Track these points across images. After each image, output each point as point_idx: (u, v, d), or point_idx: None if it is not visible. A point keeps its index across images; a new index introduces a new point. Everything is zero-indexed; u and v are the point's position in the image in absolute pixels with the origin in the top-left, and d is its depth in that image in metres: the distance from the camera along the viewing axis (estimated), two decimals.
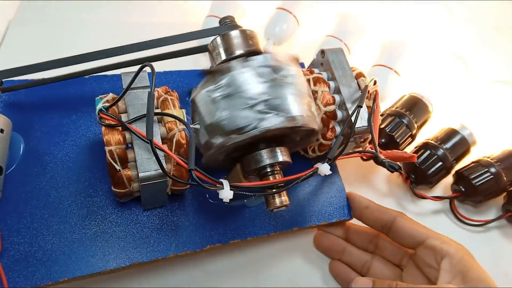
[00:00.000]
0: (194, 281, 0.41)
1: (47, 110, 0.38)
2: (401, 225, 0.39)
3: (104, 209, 0.35)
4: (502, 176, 0.45)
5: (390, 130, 0.44)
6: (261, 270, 0.42)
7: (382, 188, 0.48)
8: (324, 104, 0.37)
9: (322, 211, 0.42)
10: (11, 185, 0.34)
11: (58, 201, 0.35)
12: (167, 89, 0.34)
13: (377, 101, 0.37)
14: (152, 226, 0.36)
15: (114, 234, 0.35)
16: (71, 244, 0.34)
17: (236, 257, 0.42)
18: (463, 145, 0.47)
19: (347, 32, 0.54)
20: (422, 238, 0.37)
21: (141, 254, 0.35)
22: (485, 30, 0.66)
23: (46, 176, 0.36)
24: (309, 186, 0.43)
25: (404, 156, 0.35)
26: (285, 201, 0.33)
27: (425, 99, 0.48)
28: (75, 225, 0.34)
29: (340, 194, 0.43)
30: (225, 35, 0.35)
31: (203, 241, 0.37)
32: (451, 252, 0.36)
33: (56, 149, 0.37)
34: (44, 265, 0.32)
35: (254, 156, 0.33)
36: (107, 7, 0.62)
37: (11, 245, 0.32)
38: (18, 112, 0.37)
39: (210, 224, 0.38)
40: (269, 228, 0.40)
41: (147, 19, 0.61)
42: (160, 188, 0.31)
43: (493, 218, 0.47)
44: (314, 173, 0.33)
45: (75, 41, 0.57)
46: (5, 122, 0.33)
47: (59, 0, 0.61)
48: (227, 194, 0.29)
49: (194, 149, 0.28)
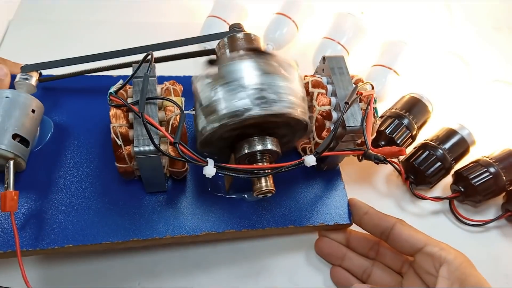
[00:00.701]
0: (194, 281, 0.41)
1: (75, 99, 0.43)
2: (399, 232, 0.39)
3: (111, 187, 0.39)
4: (501, 176, 0.45)
5: (390, 132, 0.45)
6: (261, 270, 0.43)
7: (382, 188, 0.49)
8: (319, 104, 0.39)
9: (321, 213, 0.43)
10: (36, 160, 0.39)
11: (73, 177, 0.39)
12: (174, 82, 0.38)
13: (371, 104, 0.38)
14: (153, 208, 0.39)
15: (117, 211, 0.38)
16: (79, 215, 0.38)
17: (236, 257, 0.43)
18: (462, 145, 0.47)
19: (343, 32, 0.55)
20: (420, 245, 0.38)
21: (140, 232, 0.38)
22: (484, 29, 0.66)
23: (67, 156, 0.40)
24: (311, 188, 0.44)
25: (392, 151, 0.36)
26: (270, 186, 0.35)
27: (424, 99, 0.48)
28: (84, 199, 0.38)
29: (342, 199, 0.44)
30: (232, 36, 0.39)
31: (199, 227, 0.39)
32: (450, 259, 0.36)
33: (79, 133, 0.42)
34: (53, 231, 0.37)
35: (245, 143, 0.35)
36: (108, 7, 0.62)
37: (27, 209, 0.37)
38: (51, 100, 0.43)
39: (208, 212, 0.40)
40: (265, 223, 0.41)
41: (147, 19, 0.62)
42: (155, 165, 0.34)
43: (492, 218, 0.46)
44: (301, 163, 0.35)
45: (75, 41, 0.58)
46: (37, 104, 0.39)
47: (59, 0, 0.62)
48: (210, 170, 0.31)
49: (181, 127, 0.31)
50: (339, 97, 0.39)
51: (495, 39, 0.65)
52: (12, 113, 0.36)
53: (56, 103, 0.43)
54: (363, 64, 0.56)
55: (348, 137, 0.39)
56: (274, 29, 0.56)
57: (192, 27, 0.58)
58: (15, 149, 0.36)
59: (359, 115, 0.38)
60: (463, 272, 0.35)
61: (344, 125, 0.37)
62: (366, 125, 0.37)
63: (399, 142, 0.45)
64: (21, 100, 0.37)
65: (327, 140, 0.36)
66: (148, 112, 0.33)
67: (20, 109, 0.37)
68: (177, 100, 0.35)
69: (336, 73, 0.40)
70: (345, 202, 0.44)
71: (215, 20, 0.56)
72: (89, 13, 0.61)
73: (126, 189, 0.39)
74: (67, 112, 0.43)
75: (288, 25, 0.56)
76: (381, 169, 0.49)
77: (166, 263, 0.42)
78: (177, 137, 0.30)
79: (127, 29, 0.60)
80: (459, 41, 0.62)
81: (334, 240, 0.44)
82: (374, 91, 0.39)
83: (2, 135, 0.35)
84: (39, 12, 0.60)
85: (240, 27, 0.41)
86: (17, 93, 0.38)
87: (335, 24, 0.56)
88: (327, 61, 0.41)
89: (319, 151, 0.36)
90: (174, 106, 0.34)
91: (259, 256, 0.43)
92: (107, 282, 0.40)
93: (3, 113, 0.36)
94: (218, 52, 0.40)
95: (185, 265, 0.42)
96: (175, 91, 0.35)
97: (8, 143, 0.35)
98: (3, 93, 0.37)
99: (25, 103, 0.38)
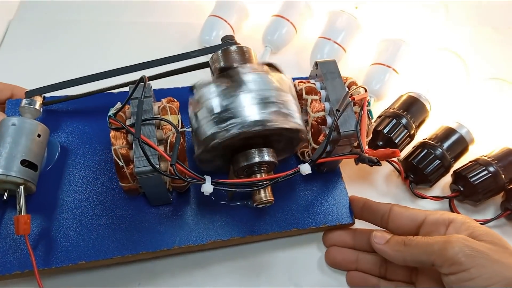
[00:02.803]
0: (194, 281, 0.42)
1: (78, 118, 0.45)
2: (398, 212, 0.40)
3: (118, 203, 0.41)
4: (501, 175, 0.45)
5: (388, 132, 0.45)
6: (261, 270, 0.43)
7: (382, 188, 0.49)
8: (313, 111, 0.39)
9: (323, 214, 0.44)
10: (46, 181, 0.41)
11: (82, 196, 0.41)
12: (171, 99, 0.39)
13: (364, 108, 0.39)
14: (159, 220, 0.41)
15: (126, 226, 0.40)
16: (90, 232, 0.39)
17: (237, 257, 0.43)
18: (461, 143, 0.47)
19: (339, 30, 0.55)
20: (421, 217, 0.39)
21: (148, 244, 0.40)
22: (482, 28, 0.66)
23: (75, 175, 0.42)
24: (313, 190, 0.45)
25: (386, 153, 0.36)
26: (269, 197, 0.36)
27: (422, 99, 0.48)
28: (93, 216, 0.40)
29: (343, 199, 0.45)
30: (225, 49, 0.40)
31: (205, 236, 0.41)
32: (453, 217, 0.37)
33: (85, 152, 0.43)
34: (66, 248, 0.38)
35: (243, 155, 0.36)
36: (108, 7, 0.62)
37: (40, 229, 0.39)
38: (56, 121, 0.45)
39: (212, 221, 0.42)
40: (269, 228, 0.42)
41: (148, 19, 0.62)
42: (157, 183, 0.36)
43: (492, 217, 0.46)
44: (296, 172, 0.36)
45: (75, 41, 0.58)
46: (42, 129, 0.40)
47: (59, 0, 0.62)
48: (208, 188, 0.33)
49: (177, 148, 0.32)
50: (332, 102, 0.39)
51: (492, 38, 0.65)
52: (19, 140, 0.38)
53: (61, 123, 0.45)
54: (361, 62, 0.57)
55: (344, 141, 0.39)
56: (272, 31, 0.57)
57: (193, 27, 0.59)
58: (25, 175, 0.37)
59: (353, 120, 0.39)
60: (469, 225, 0.36)
61: (339, 130, 0.38)
62: (360, 129, 0.38)
63: (397, 142, 0.45)
64: (26, 126, 0.39)
65: (320, 148, 0.36)
66: (146, 133, 0.35)
67: (26, 135, 0.39)
68: (173, 119, 0.36)
69: (328, 78, 0.41)
70: (346, 202, 0.45)
71: (216, 19, 0.56)
72: (89, 13, 0.61)
73: (132, 204, 0.41)
74: (72, 131, 0.45)
75: (286, 26, 0.56)
76: (381, 168, 0.50)
77: (166, 263, 0.42)
78: (174, 159, 0.32)
79: (127, 29, 0.60)
80: (457, 40, 0.61)
81: (342, 246, 0.44)
82: (367, 94, 0.40)
83: (11, 162, 0.37)
84: (39, 12, 0.61)
85: (232, 39, 0.42)
86: (22, 119, 0.39)
87: (330, 23, 0.56)
88: (319, 66, 0.41)
89: (314, 159, 0.37)
90: (170, 126, 0.35)
91: (259, 256, 0.44)
92: (107, 282, 0.41)
93: (10, 141, 0.38)
94: (212, 65, 0.41)
95: (185, 265, 0.43)
96: (171, 109, 0.37)
97: (17, 169, 0.37)
98: (9, 121, 0.39)
99: (31, 129, 0.39)
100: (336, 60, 0.54)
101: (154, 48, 0.57)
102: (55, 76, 0.44)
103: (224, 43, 0.42)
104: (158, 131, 0.36)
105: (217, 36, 0.56)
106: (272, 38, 0.56)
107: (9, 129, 0.38)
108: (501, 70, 0.58)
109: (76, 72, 0.43)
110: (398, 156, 0.37)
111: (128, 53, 0.57)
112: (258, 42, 0.58)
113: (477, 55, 0.59)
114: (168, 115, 0.36)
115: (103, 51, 0.58)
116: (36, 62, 0.55)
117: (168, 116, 0.36)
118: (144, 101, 0.36)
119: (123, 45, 0.58)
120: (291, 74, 0.53)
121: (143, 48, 0.58)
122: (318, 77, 0.42)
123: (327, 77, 0.41)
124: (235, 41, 0.42)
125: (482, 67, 0.57)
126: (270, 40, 0.57)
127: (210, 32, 0.56)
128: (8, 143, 0.38)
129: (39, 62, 0.56)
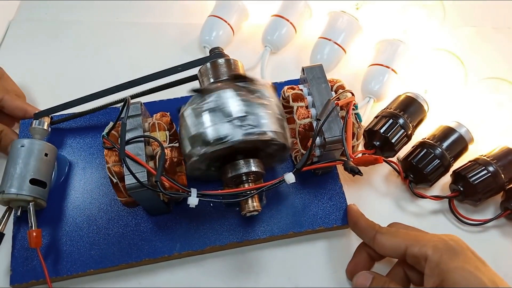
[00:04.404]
0: (194, 281, 0.43)
1: (85, 135, 0.48)
2: (380, 243, 0.39)
3: (122, 214, 0.44)
4: (500, 174, 0.44)
5: (384, 132, 0.45)
6: (261, 270, 0.44)
7: (381, 188, 0.49)
8: (299, 118, 0.40)
9: (320, 217, 0.45)
10: (56, 195, 0.45)
11: (88, 208, 0.44)
12: (163, 114, 0.41)
13: (349, 113, 0.39)
14: (160, 229, 0.43)
15: (130, 235, 0.43)
16: (96, 243, 0.43)
17: (236, 257, 0.44)
18: (460, 143, 0.46)
19: (339, 31, 0.54)
20: (402, 249, 0.37)
21: (150, 252, 0.42)
22: (481, 28, 0.63)
23: (83, 189, 0.45)
24: (310, 193, 0.46)
25: (369, 159, 0.37)
26: (256, 207, 0.38)
27: (420, 99, 0.47)
28: (101, 227, 0.43)
29: (340, 201, 0.45)
30: (213, 62, 0.41)
31: (204, 242, 0.43)
32: (429, 254, 0.35)
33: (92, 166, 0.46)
34: (75, 258, 0.42)
35: (231, 166, 0.38)
36: (108, 7, 0.62)
37: (51, 242, 0.42)
38: (64, 138, 0.48)
39: (210, 227, 0.44)
40: (265, 232, 0.44)
41: (148, 19, 0.62)
42: (149, 197, 0.38)
43: (492, 217, 0.46)
44: (281, 182, 0.37)
45: (75, 41, 0.58)
46: (49, 148, 0.43)
47: (59, 0, 0.62)
48: (193, 200, 0.34)
49: (161, 165, 0.34)
50: (317, 108, 0.40)
51: (491, 37, 0.62)
52: (28, 160, 0.41)
53: (69, 140, 0.48)
54: (361, 63, 0.56)
55: (331, 147, 0.40)
56: (271, 31, 0.57)
57: (193, 28, 0.59)
58: (34, 192, 0.41)
59: (338, 125, 0.39)
60: (442, 268, 0.34)
61: (324, 137, 0.39)
62: (345, 135, 0.38)
63: (394, 142, 0.45)
64: (35, 148, 0.42)
65: (305, 157, 0.37)
66: (135, 150, 0.37)
67: (34, 155, 0.42)
68: (161, 135, 0.38)
69: (314, 84, 0.41)
70: (343, 204, 0.45)
71: (216, 20, 0.57)
72: (90, 14, 0.62)
73: (134, 215, 0.44)
74: (79, 147, 0.48)
75: (286, 27, 0.56)
76: (381, 168, 0.49)
77: (166, 263, 0.43)
78: (158, 175, 0.34)
79: (127, 29, 0.60)
80: (455, 40, 0.59)
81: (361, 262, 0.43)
82: (353, 98, 0.40)
83: (22, 182, 0.40)
84: (39, 12, 0.61)
85: (220, 51, 0.43)
86: (31, 141, 0.43)
87: (330, 23, 0.56)
88: (306, 72, 0.42)
89: (298, 167, 0.37)
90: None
91: (259, 256, 0.44)
92: (107, 282, 0.42)
93: (20, 162, 0.41)
94: (200, 78, 0.42)
95: (185, 265, 0.43)
96: (159, 126, 0.38)
97: (27, 188, 0.40)
98: (19, 143, 0.42)
99: (39, 149, 0.42)
100: (336, 60, 0.55)
101: (154, 48, 0.58)
102: (55, 76, 0.45)
103: (212, 55, 0.43)
104: (148, 147, 0.38)
105: (217, 37, 0.56)
106: (272, 38, 0.57)
107: (19, 151, 0.42)
108: (499, 70, 0.56)
109: (76, 72, 0.45)
110: (381, 162, 0.37)
111: (128, 53, 0.58)
112: (258, 43, 0.58)
113: (475, 55, 0.57)
114: (156, 132, 0.38)
115: (103, 51, 0.58)
116: (36, 62, 0.56)
117: (156, 132, 0.38)
118: (133, 120, 0.38)
119: (123, 46, 0.59)
120: (290, 75, 0.54)
121: (144, 49, 0.59)
122: (305, 82, 0.42)
123: (312, 83, 0.41)
124: (223, 52, 0.43)
125: (481, 67, 0.55)
126: (270, 40, 0.57)
127: (210, 33, 0.56)
128: (18, 164, 0.41)
129: (39, 62, 0.56)
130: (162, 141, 0.37)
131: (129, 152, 0.35)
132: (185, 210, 0.44)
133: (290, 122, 0.43)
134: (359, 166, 0.40)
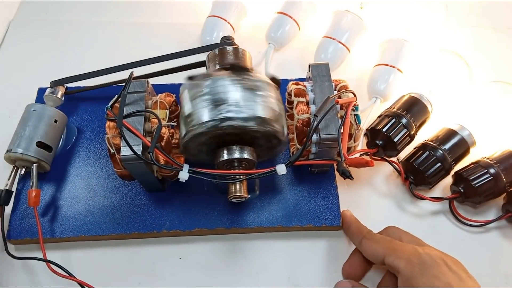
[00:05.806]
0: (194, 280, 0.43)
1: (95, 108, 0.50)
2: (363, 247, 0.40)
3: (119, 187, 0.45)
4: (501, 177, 0.44)
5: (387, 131, 0.44)
6: (261, 270, 0.43)
7: (381, 189, 0.48)
8: (298, 113, 0.40)
9: (310, 214, 0.45)
10: (60, 161, 0.47)
11: (89, 177, 0.46)
12: (168, 94, 0.42)
13: (347, 113, 0.39)
14: (153, 206, 0.45)
15: (124, 208, 0.45)
16: (91, 211, 0.44)
17: (236, 256, 0.44)
18: (462, 146, 0.46)
19: (343, 30, 0.54)
20: (381, 256, 0.38)
21: (140, 226, 0.44)
22: (484, 29, 0.61)
23: (86, 158, 0.47)
24: (304, 190, 0.46)
25: (361, 161, 0.36)
26: (243, 192, 0.38)
27: (424, 99, 0.47)
28: (97, 197, 0.45)
29: (332, 202, 0.45)
30: (221, 49, 0.42)
31: (193, 224, 0.44)
32: (401, 267, 0.35)
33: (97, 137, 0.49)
34: (70, 222, 0.44)
35: (224, 150, 0.38)
36: (108, 7, 0.62)
37: (49, 204, 0.44)
38: (76, 108, 0.50)
39: (201, 211, 0.45)
40: (254, 222, 0.44)
41: (148, 19, 0.61)
42: (143, 171, 0.39)
43: (493, 219, 0.45)
44: (273, 171, 0.37)
45: (75, 41, 0.58)
46: (59, 115, 0.46)
47: (59, 0, 0.62)
48: (184, 175, 0.36)
49: (157, 137, 0.36)
50: (317, 105, 0.40)
51: (495, 39, 0.60)
52: (38, 124, 0.44)
53: (80, 111, 0.50)
54: (365, 62, 0.56)
55: (326, 145, 0.40)
56: (275, 28, 0.57)
57: (193, 27, 0.59)
58: (39, 155, 0.43)
59: (335, 124, 0.39)
60: (411, 283, 0.34)
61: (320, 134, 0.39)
62: (341, 134, 0.38)
63: (396, 141, 0.44)
64: (46, 113, 0.45)
65: (299, 151, 0.37)
66: (134, 124, 0.38)
67: (44, 120, 0.44)
68: (161, 113, 0.39)
69: (317, 81, 0.41)
70: (336, 204, 0.45)
71: (216, 20, 0.57)
72: (89, 13, 0.62)
73: (130, 189, 0.45)
74: (89, 118, 0.50)
75: (289, 24, 0.57)
76: (381, 168, 0.49)
77: (166, 263, 0.44)
78: (152, 146, 0.35)
79: (127, 29, 0.60)
80: (457, 40, 0.58)
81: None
82: (354, 99, 0.40)
83: (29, 143, 0.43)
84: (39, 12, 0.61)
85: (231, 39, 0.44)
86: (43, 107, 0.45)
87: (334, 22, 0.56)
88: (311, 68, 0.42)
89: (292, 161, 0.38)
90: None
91: (259, 256, 0.44)
92: (107, 282, 0.42)
93: (30, 125, 0.44)
94: (208, 63, 0.43)
95: (185, 265, 0.43)
96: (161, 104, 0.40)
97: (33, 150, 0.43)
98: (31, 107, 0.45)
99: (49, 115, 0.45)
100: (340, 60, 0.55)
101: (155, 49, 0.56)
102: (55, 76, 0.47)
103: (222, 43, 0.44)
104: (147, 123, 0.39)
105: (218, 37, 0.56)
106: (276, 35, 0.57)
107: (30, 114, 0.44)
108: (501, 70, 0.55)
109: (76, 72, 0.47)
110: (372, 166, 0.37)
111: (128, 53, 0.56)
112: (260, 41, 0.59)
113: (477, 55, 0.56)
114: (157, 110, 0.39)
115: (103, 51, 0.58)
116: (36, 62, 0.56)
117: (157, 110, 0.39)
118: (136, 95, 0.39)
119: (124, 46, 0.59)
120: (294, 73, 0.55)
121: (144, 49, 0.57)
122: (310, 79, 0.43)
123: (316, 80, 0.41)
124: (233, 42, 0.44)
125: (483, 67, 0.54)
126: (274, 37, 0.57)
127: (211, 33, 0.56)
128: (27, 126, 0.43)
129: (39, 62, 0.56)
130: (162, 119, 0.39)
131: (126, 123, 0.37)
132: (180, 190, 0.45)
133: (292, 118, 0.43)
134: (352, 167, 0.40)
